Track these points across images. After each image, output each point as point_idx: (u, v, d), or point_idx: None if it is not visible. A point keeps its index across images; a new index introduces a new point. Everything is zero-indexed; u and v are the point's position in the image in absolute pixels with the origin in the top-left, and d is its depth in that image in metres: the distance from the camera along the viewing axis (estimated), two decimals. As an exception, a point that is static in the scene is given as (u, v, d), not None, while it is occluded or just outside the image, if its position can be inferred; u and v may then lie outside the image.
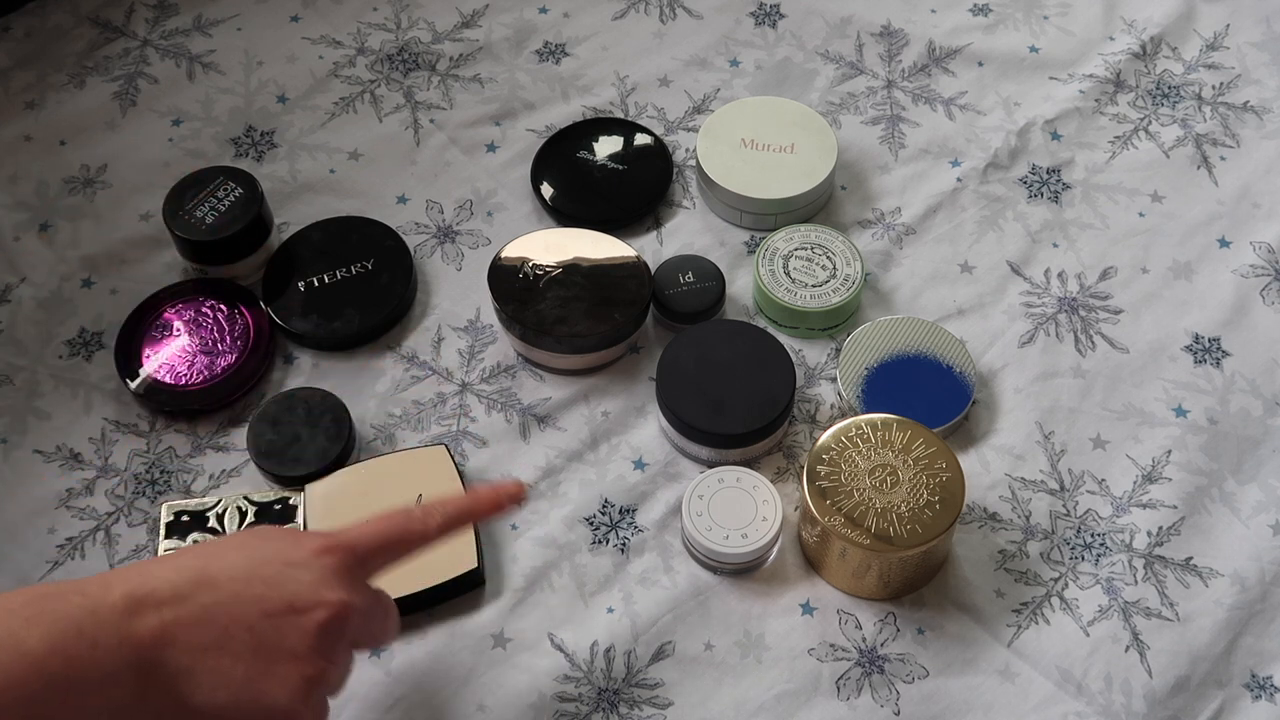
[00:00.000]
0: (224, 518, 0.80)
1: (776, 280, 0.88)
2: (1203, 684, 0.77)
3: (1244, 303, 0.90)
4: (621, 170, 0.95)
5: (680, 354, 0.83)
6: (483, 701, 0.76)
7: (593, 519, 0.82)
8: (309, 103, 1.00)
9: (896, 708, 0.76)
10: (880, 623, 0.78)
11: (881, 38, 1.03)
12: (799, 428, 0.85)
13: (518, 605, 0.79)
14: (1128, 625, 0.78)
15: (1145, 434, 0.85)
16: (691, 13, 1.05)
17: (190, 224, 0.88)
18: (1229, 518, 0.82)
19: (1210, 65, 1.02)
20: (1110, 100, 1.00)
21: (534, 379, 0.88)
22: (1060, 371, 0.87)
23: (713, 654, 0.78)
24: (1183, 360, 0.88)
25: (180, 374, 0.86)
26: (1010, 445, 0.85)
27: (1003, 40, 1.03)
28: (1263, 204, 0.95)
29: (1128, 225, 0.94)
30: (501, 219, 0.95)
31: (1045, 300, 0.91)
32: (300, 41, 1.03)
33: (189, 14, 1.05)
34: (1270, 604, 0.79)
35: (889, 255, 0.93)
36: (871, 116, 0.99)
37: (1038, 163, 0.97)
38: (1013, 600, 0.79)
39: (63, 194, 0.96)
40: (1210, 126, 0.99)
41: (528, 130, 0.99)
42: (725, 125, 0.95)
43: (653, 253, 0.93)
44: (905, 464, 0.77)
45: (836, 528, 0.75)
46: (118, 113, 0.99)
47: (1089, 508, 0.82)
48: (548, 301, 0.85)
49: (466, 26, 1.04)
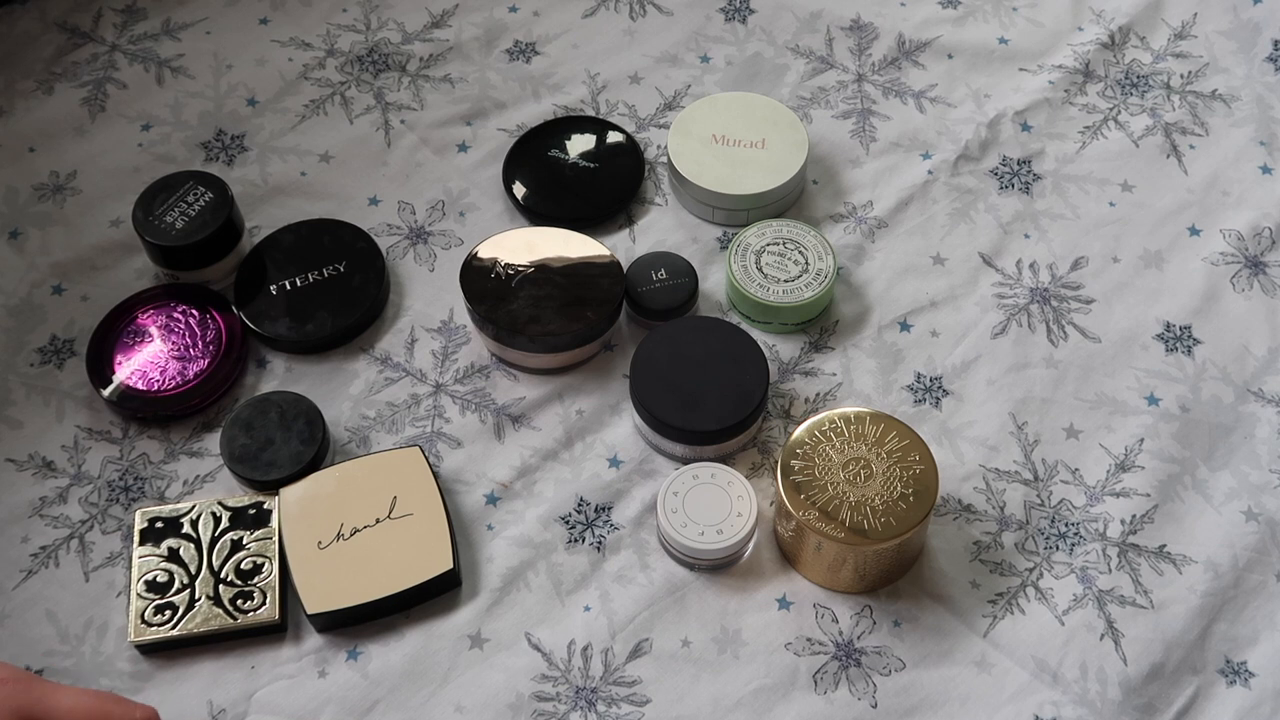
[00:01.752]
0: (198, 524, 0.80)
1: (749, 276, 0.88)
2: (1177, 671, 0.77)
3: (1214, 290, 0.91)
4: (593, 168, 0.95)
5: (654, 351, 0.83)
6: (460, 702, 0.76)
7: (568, 518, 0.82)
8: (279, 105, 1.00)
9: (874, 700, 0.76)
10: (856, 616, 0.79)
11: (851, 32, 1.04)
12: (773, 423, 0.86)
13: (494, 605, 0.79)
14: (1102, 614, 0.79)
15: (1118, 423, 0.85)
16: (661, 9, 1.05)
17: (161, 229, 0.87)
18: (1202, 505, 0.82)
19: (1179, 54, 1.02)
20: (1080, 91, 1.00)
21: (508, 379, 0.88)
22: (1033, 362, 0.88)
23: (690, 650, 0.78)
24: (1154, 349, 0.88)
25: (153, 380, 0.85)
26: (984, 436, 0.85)
27: (972, 32, 1.03)
28: (1232, 192, 0.95)
29: (1098, 215, 0.94)
30: (474, 219, 0.95)
31: (1017, 291, 0.91)
32: (269, 44, 1.03)
33: (157, 18, 1.04)
34: (1243, 590, 0.79)
35: (861, 249, 0.93)
36: (842, 110, 1.00)
37: (1008, 154, 0.97)
38: (988, 591, 0.79)
39: (32, 201, 0.95)
40: (1179, 115, 0.99)
41: (499, 130, 0.99)
42: (696, 122, 0.95)
43: (625, 250, 0.93)
44: (879, 457, 0.77)
45: (811, 522, 0.75)
46: (87, 118, 0.99)
47: (1063, 497, 0.83)
48: (521, 301, 0.85)
49: (436, 27, 1.04)
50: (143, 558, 0.79)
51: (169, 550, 0.79)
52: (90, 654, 0.78)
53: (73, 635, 0.78)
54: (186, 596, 0.77)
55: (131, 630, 0.77)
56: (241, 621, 0.77)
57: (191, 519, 0.80)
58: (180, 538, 0.79)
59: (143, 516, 0.80)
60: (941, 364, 0.88)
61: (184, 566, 0.78)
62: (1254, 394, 0.86)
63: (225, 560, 0.79)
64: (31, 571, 0.81)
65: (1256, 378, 0.87)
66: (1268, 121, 0.98)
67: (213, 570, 0.78)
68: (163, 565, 0.78)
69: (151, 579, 0.78)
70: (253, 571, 0.78)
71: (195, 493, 0.83)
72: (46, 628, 0.79)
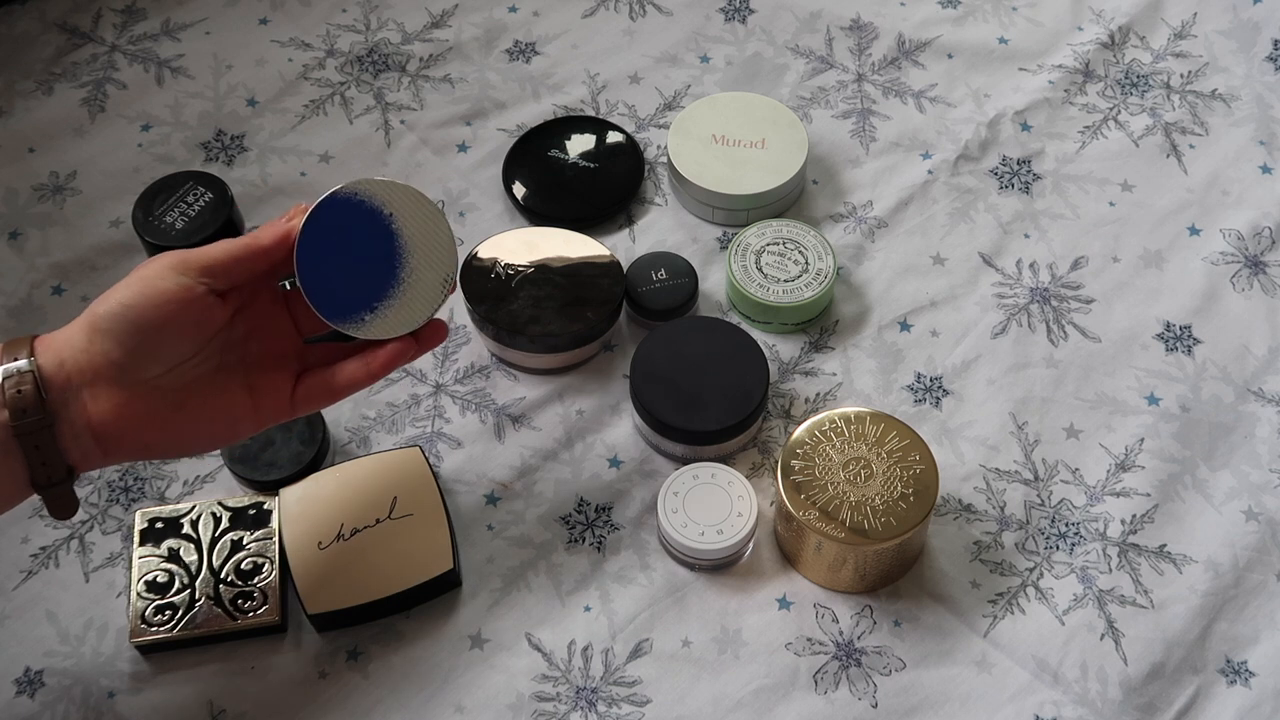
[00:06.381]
0: (198, 524, 0.80)
1: (749, 276, 0.88)
2: (1178, 670, 0.77)
3: (1214, 290, 0.91)
4: (593, 168, 0.95)
5: (654, 351, 0.83)
6: (460, 702, 0.76)
7: (569, 518, 0.82)
8: (279, 106, 1.00)
9: (874, 700, 0.76)
10: (857, 616, 0.79)
11: (851, 31, 1.04)
12: (773, 423, 0.86)
13: (494, 605, 0.79)
14: (1103, 613, 0.79)
15: (1118, 423, 0.85)
16: (661, 9, 1.05)
17: (161, 229, 0.87)
18: (1202, 504, 0.82)
19: (1178, 54, 1.02)
20: (1079, 90, 1.00)
21: (508, 379, 0.88)
22: (1033, 362, 0.88)
23: (690, 650, 0.78)
24: (1154, 348, 0.88)
25: (153, 380, 0.85)
26: (984, 436, 0.85)
27: (972, 32, 1.03)
28: (1232, 191, 0.95)
29: (1098, 215, 0.94)
30: (473, 219, 0.95)
31: (1017, 291, 0.91)
32: (269, 44, 1.03)
33: (157, 19, 1.04)
34: (1244, 589, 0.79)
35: (861, 249, 0.93)
36: (842, 110, 0.99)
37: (1008, 154, 0.97)
38: (988, 591, 0.79)
39: (32, 201, 0.95)
40: (1179, 115, 0.99)
41: (499, 130, 0.99)
42: (696, 122, 0.95)
43: (625, 250, 0.93)
44: (879, 457, 0.77)
45: (811, 522, 0.75)
46: (86, 119, 0.99)
47: (1063, 497, 0.83)
48: (521, 301, 0.85)
49: (436, 27, 1.04)
50: (143, 558, 0.79)
51: (169, 551, 0.79)
52: (90, 654, 0.78)
53: (73, 635, 0.78)
54: (186, 597, 0.77)
55: (131, 630, 0.77)
56: (242, 622, 0.77)
57: (191, 519, 0.80)
58: (180, 538, 0.79)
59: (143, 517, 0.80)
60: (941, 364, 0.88)
61: (184, 567, 0.78)
62: (1254, 393, 0.86)
63: (225, 561, 0.79)
64: (32, 572, 0.81)
65: (1256, 377, 0.87)
66: (1268, 121, 0.98)
67: (213, 571, 0.78)
68: (163, 566, 0.78)
69: (151, 579, 0.78)
70: (253, 572, 0.78)
71: (195, 493, 0.83)
72: (46, 628, 0.79)
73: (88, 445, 0.66)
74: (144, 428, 0.67)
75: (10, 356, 0.65)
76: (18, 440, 0.64)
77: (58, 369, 0.65)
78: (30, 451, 0.65)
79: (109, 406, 0.65)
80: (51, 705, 0.76)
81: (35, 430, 0.64)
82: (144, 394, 0.66)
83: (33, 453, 0.65)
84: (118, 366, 0.65)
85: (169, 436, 0.68)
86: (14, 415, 0.64)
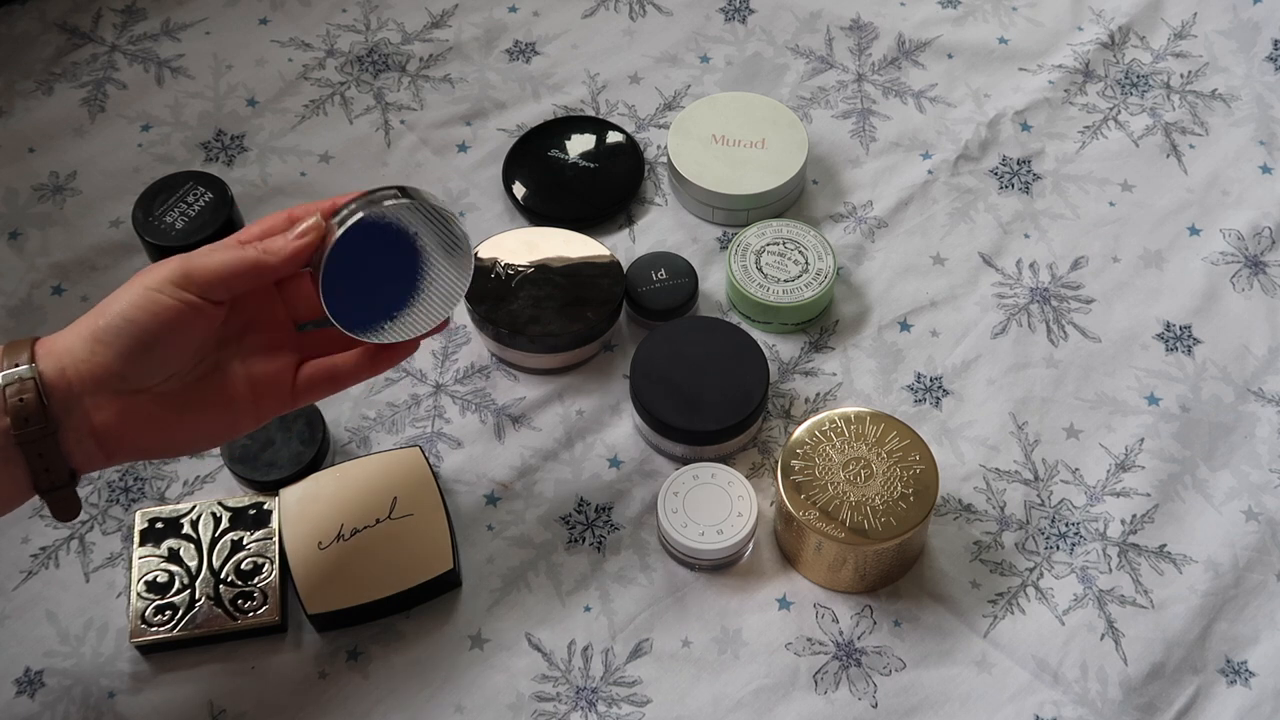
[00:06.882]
0: (198, 524, 0.80)
1: (749, 276, 0.88)
2: (1178, 670, 0.77)
3: (1214, 290, 0.91)
4: (593, 168, 0.95)
5: (654, 351, 0.83)
6: (460, 702, 0.76)
7: (569, 518, 0.82)
8: (279, 106, 1.00)
9: (874, 700, 0.76)
10: (857, 616, 0.79)
11: (851, 31, 1.04)
12: (773, 423, 0.86)
13: (494, 605, 0.79)
14: (1103, 613, 0.79)
15: (1118, 422, 0.85)
16: (661, 9, 1.05)
17: (161, 230, 0.87)
18: (1202, 504, 0.82)
19: (1178, 54, 1.02)
20: (1079, 90, 1.00)
21: (508, 379, 0.88)
22: (1033, 362, 0.88)
23: (690, 650, 0.78)
24: (1154, 348, 0.88)
25: (153, 380, 0.85)
26: (984, 436, 0.85)
27: (972, 32, 1.03)
28: (1232, 191, 0.95)
29: (1098, 215, 0.94)
30: (474, 219, 0.95)
31: (1017, 291, 0.91)
32: (269, 44, 1.03)
33: (157, 19, 1.04)
34: (1244, 589, 0.79)
35: (861, 249, 0.93)
36: (842, 110, 0.99)
37: (1008, 154, 0.97)
38: (988, 591, 0.79)
39: (32, 201, 0.95)
40: (1179, 115, 0.99)
41: (499, 130, 0.99)
42: (696, 122, 0.95)
43: (625, 250, 0.93)
44: (879, 457, 0.77)
45: (811, 522, 0.75)
46: (86, 119, 0.99)
47: (1063, 497, 0.83)
48: (521, 301, 0.85)
49: (436, 27, 1.04)
50: (143, 558, 0.79)
51: (169, 551, 0.79)
52: (90, 654, 0.78)
53: (73, 636, 0.78)
54: (187, 597, 0.77)
55: (131, 630, 0.77)
56: (242, 622, 0.77)
57: (191, 519, 0.80)
58: (180, 538, 0.79)
59: (143, 517, 0.80)
60: (941, 364, 0.88)
61: (184, 567, 0.78)
62: (1254, 393, 0.86)
63: (225, 561, 0.79)
64: (32, 572, 0.81)
65: (1256, 377, 0.87)
66: (1268, 121, 0.98)
67: (213, 571, 0.78)
68: (163, 566, 0.78)
69: (152, 579, 0.78)
70: (253, 572, 0.78)
71: (195, 493, 0.83)
72: (46, 628, 0.79)
73: (90, 449, 0.66)
74: (147, 431, 0.67)
75: (11, 361, 0.65)
76: (20, 447, 0.64)
77: (59, 376, 0.65)
78: (33, 458, 0.65)
79: (111, 413, 0.65)
80: (51, 705, 0.76)
81: (38, 438, 0.64)
82: (146, 400, 0.66)
83: (35, 459, 0.65)
84: (119, 376, 0.65)
85: (172, 437, 0.68)
86: (16, 423, 0.64)
